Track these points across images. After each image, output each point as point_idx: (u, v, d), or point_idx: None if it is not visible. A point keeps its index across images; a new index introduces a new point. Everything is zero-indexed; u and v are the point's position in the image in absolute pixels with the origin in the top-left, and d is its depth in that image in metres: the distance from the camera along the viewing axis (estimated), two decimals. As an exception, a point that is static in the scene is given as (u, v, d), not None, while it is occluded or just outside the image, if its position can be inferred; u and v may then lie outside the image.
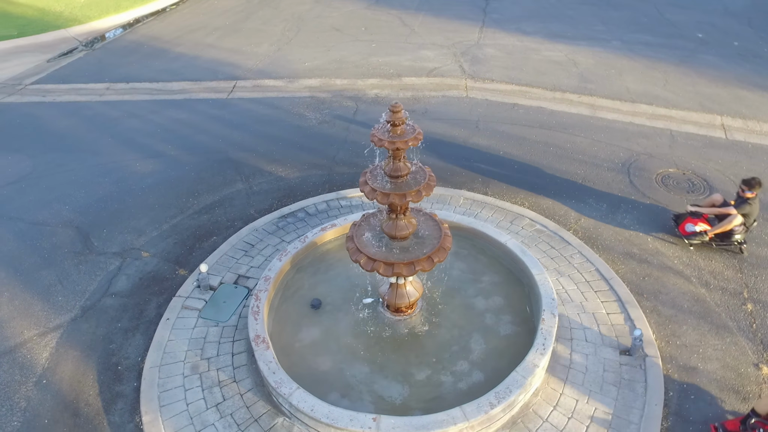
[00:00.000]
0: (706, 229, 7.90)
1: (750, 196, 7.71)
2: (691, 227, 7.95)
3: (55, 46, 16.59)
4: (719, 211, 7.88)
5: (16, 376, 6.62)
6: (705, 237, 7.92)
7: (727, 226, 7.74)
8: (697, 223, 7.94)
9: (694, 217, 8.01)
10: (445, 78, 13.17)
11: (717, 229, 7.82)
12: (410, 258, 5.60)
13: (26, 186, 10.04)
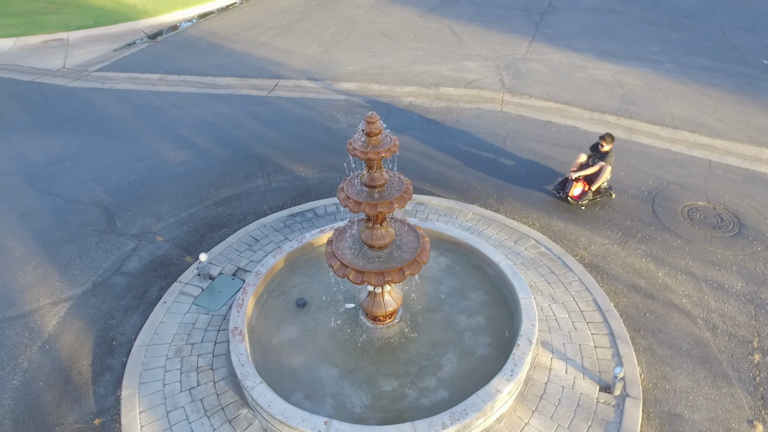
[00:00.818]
0: (588, 188, 9.05)
1: (609, 149, 9.06)
2: (578, 190, 9.07)
3: (123, 37, 17.73)
4: (596, 169, 9.02)
5: (25, 338, 7.18)
6: (590, 195, 9.03)
7: (603, 178, 8.99)
8: (581, 185, 9.09)
9: (576, 181, 9.07)
10: (482, 90, 13.02)
11: (596, 184, 9.00)
12: (381, 268, 5.63)
13: (70, 165, 10.82)
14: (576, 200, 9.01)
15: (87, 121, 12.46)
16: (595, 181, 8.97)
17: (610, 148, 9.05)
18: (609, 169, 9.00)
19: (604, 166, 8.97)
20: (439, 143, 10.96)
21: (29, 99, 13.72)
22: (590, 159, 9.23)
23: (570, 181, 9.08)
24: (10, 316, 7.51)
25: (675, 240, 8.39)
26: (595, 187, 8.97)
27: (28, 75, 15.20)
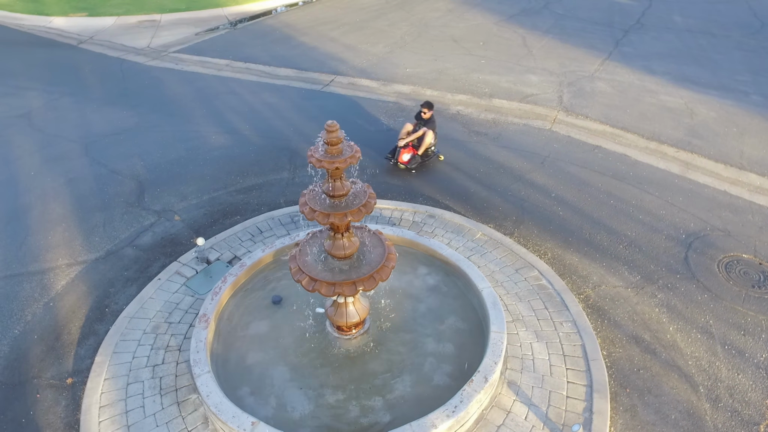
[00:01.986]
0: (416, 153, 10.04)
1: (430, 116, 10.11)
2: (407, 156, 9.97)
3: (208, 22, 18.74)
4: (420, 134, 10.03)
5: (35, 293, 7.81)
6: (418, 159, 10.04)
7: (427, 142, 10.02)
8: (410, 152, 9.98)
9: (405, 147, 9.99)
10: (536, 106, 12.38)
11: (422, 148, 10.03)
12: (333, 279, 5.51)
13: (123, 138, 11.62)
14: (405, 165, 10.00)
15: (150, 99, 13.31)
16: (420, 146, 10.04)
17: (431, 115, 10.13)
18: (431, 134, 10.06)
19: (427, 131, 10.04)
20: (473, 156, 10.56)
21: (110, 73, 14.90)
22: (415, 126, 10.24)
23: (399, 148, 10.02)
24: (30, 271, 8.20)
25: (701, 293, 7.51)
26: (421, 151, 10.06)
27: (116, 51, 16.51)
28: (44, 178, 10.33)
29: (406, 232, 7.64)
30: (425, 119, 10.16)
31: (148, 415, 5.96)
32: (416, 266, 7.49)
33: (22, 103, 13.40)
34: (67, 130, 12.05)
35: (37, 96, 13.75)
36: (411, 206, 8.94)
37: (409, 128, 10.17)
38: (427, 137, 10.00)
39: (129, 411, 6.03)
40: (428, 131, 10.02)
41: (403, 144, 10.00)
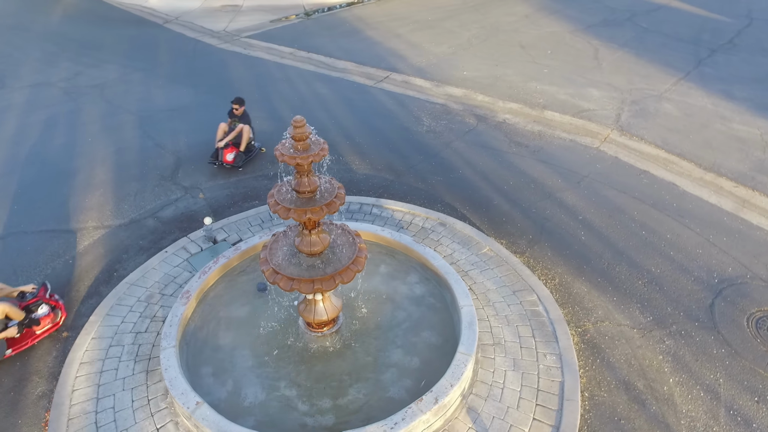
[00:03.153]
0: (239, 150, 10.09)
1: (242, 111, 10.31)
2: (231, 155, 9.97)
3: (285, 10, 19.30)
4: (237, 131, 10.15)
5: (60, 250, 8.44)
6: (242, 156, 10.12)
7: (246, 137, 10.16)
8: (232, 151, 10.00)
9: (226, 147, 10.01)
10: (589, 122, 11.64)
11: (243, 144, 10.14)
12: (293, 274, 5.48)
13: (176, 115, 12.26)
14: (231, 164, 9.94)
15: (210, 80, 13.93)
16: (241, 143, 10.10)
17: (243, 111, 10.26)
18: (248, 128, 10.19)
19: (243, 126, 10.14)
20: (506, 167, 10.12)
21: (182, 53, 15.76)
22: (230, 125, 10.26)
23: (221, 150, 9.97)
24: (62, 229, 8.87)
25: (718, 347, 6.73)
26: (243, 148, 10.11)
27: (194, 32, 17.44)
28: (98, 146, 11.13)
29: (403, 237, 7.47)
30: (238, 116, 10.31)
31: (119, 378, 6.27)
32: (408, 273, 7.31)
33: (101, 75, 14.50)
34: (129, 102, 12.90)
35: (114, 69, 14.83)
36: (424, 211, 8.73)
37: (224, 128, 10.26)
38: (245, 133, 10.14)
39: (103, 371, 6.37)
40: (244, 126, 10.18)
41: (224, 144, 10.04)
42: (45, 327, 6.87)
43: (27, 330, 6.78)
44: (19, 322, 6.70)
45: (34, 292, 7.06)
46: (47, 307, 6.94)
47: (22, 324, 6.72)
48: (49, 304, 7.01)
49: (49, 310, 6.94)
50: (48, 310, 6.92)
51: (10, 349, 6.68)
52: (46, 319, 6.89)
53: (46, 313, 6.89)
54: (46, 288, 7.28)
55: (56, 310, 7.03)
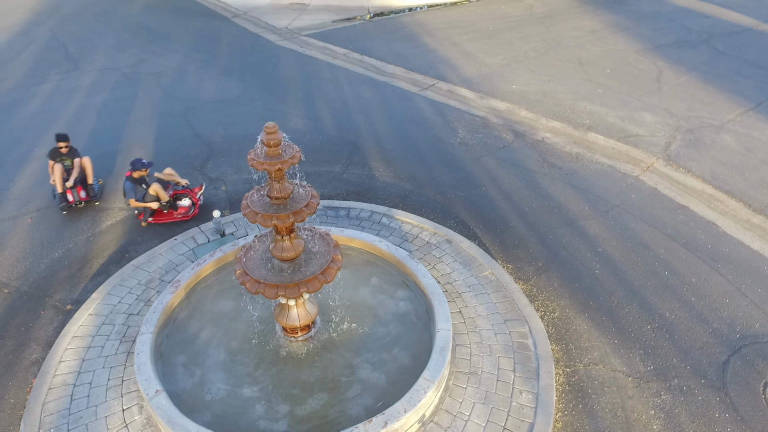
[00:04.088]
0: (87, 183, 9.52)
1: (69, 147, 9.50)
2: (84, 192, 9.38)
3: (349, 11, 19.51)
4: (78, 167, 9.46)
5: (86, 226, 8.97)
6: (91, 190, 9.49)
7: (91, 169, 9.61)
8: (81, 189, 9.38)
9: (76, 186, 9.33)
10: (634, 149, 10.91)
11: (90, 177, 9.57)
12: (260, 277, 5.50)
13: (219, 107, 12.70)
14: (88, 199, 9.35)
15: (260, 75, 14.32)
16: (87, 176, 9.50)
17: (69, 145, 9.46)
18: (88, 159, 9.56)
19: (83, 159, 9.53)
20: (532, 188, 9.69)
21: (241, 47, 16.31)
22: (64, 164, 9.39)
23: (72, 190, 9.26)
24: (100, 206, 9.41)
25: (722, 410, 6.09)
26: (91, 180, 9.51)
27: (257, 28, 18.00)
28: (142, 131, 11.73)
29: (399, 251, 7.31)
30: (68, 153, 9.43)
31: (102, 355, 6.56)
32: (397, 288, 7.16)
33: (162, 63, 15.29)
34: (181, 91, 13.51)
35: (176, 58, 15.59)
36: (433, 226, 8.51)
37: (61, 170, 9.25)
38: (87, 164, 9.50)
39: (91, 347, 6.69)
40: (84, 158, 9.53)
41: (72, 184, 9.19)
42: (180, 214, 8.97)
43: (170, 210, 8.98)
44: (165, 202, 8.89)
45: (187, 185, 9.25)
46: (189, 201, 9.01)
47: (165, 205, 8.89)
48: (191, 200, 9.03)
49: (189, 203, 9.01)
50: (188, 203, 9.00)
51: (152, 218, 8.94)
52: (183, 209, 8.98)
53: (185, 205, 9.00)
54: (201, 188, 9.33)
55: (193, 206, 9.04)
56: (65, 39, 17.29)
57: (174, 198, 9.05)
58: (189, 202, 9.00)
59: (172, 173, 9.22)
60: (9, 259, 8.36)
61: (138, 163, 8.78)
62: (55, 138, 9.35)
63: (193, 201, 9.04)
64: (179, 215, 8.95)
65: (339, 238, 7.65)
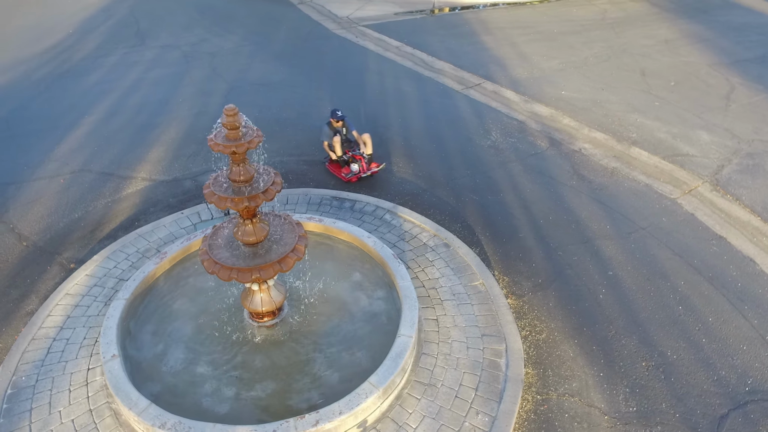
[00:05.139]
0: None
1: None
2: None
3: (413, 4, 19.27)
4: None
5: (107, 192, 9.42)
6: None
7: None
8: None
9: None
10: (680, 169, 9.99)
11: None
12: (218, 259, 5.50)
13: (262, 90, 12.94)
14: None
15: (308, 62, 14.44)
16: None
17: None
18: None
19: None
20: (553, 200, 9.11)
21: (298, 33, 16.55)
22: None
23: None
24: (118, 174, 9.90)
25: (704, 468, 5.43)
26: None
27: (319, 15, 18.19)
28: (184, 107, 12.18)
29: (384, 249, 7.10)
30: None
31: (86, 315, 6.86)
32: (377, 288, 6.96)
33: (219, 44, 15.81)
34: (230, 72, 13.89)
35: (234, 40, 16.07)
36: (435, 228, 8.21)
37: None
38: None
39: (78, 306, 7.01)
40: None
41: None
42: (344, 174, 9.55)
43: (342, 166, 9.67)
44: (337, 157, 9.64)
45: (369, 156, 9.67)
46: (356, 168, 9.48)
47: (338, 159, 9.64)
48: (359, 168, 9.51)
49: (355, 169, 9.49)
50: (354, 169, 9.49)
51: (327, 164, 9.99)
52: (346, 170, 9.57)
53: (351, 169, 9.53)
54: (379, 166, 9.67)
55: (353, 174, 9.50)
56: (140, 15, 18.30)
57: (350, 159, 9.59)
58: (356, 168, 9.47)
59: (365, 140, 9.71)
60: (36, 214, 8.94)
61: (333, 114, 9.66)
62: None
63: (360, 170, 9.48)
64: (343, 174, 9.54)
65: (328, 230, 7.56)
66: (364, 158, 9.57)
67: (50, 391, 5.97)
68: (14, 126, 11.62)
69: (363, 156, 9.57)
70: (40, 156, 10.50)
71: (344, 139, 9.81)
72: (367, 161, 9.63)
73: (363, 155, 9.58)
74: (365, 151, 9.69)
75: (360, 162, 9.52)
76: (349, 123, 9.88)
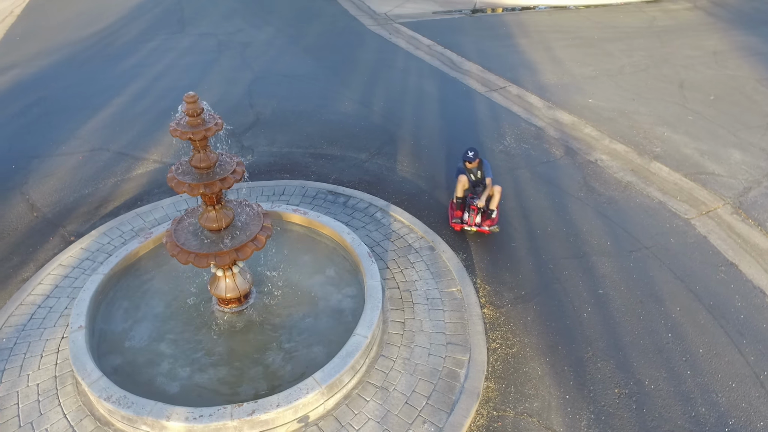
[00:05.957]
0: None
1: None
2: None
3: (454, 4, 19.00)
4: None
5: (119, 171, 9.79)
6: None
7: None
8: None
9: None
10: (701, 188, 9.38)
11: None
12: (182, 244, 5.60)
13: (285, 81, 13.10)
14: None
15: (337, 56, 14.51)
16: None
17: None
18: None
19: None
20: (555, 211, 8.75)
21: (333, 28, 16.66)
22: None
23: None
24: (132, 155, 10.27)
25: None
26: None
27: (357, 11, 18.25)
28: (206, 94, 12.49)
29: (361, 247, 7.03)
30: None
31: (72, 286, 7.15)
32: (349, 285, 6.91)
33: (254, 34, 16.13)
34: (257, 62, 14.15)
35: (269, 31, 16.34)
36: (423, 230, 8.05)
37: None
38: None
39: (67, 276, 7.33)
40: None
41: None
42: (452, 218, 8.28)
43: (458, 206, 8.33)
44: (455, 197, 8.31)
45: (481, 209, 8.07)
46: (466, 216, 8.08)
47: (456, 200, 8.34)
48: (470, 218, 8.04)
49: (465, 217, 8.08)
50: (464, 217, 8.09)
51: None
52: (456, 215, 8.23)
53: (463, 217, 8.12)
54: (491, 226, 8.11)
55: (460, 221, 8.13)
56: (186, 3, 18.93)
57: (466, 203, 8.23)
58: (466, 216, 8.09)
59: (493, 193, 8.13)
60: (50, 188, 9.41)
61: (464, 155, 8.09)
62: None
63: (468, 221, 8.08)
64: (453, 218, 8.28)
65: (311, 223, 7.57)
66: (477, 209, 8.01)
67: (24, 355, 6.26)
68: (51, 103, 12.27)
69: (477, 207, 7.98)
70: (66, 133, 11.04)
71: (474, 182, 8.32)
72: (482, 215, 8.13)
73: (478, 206, 7.97)
74: (488, 205, 8.17)
75: (472, 213, 8.05)
76: (487, 167, 8.28)
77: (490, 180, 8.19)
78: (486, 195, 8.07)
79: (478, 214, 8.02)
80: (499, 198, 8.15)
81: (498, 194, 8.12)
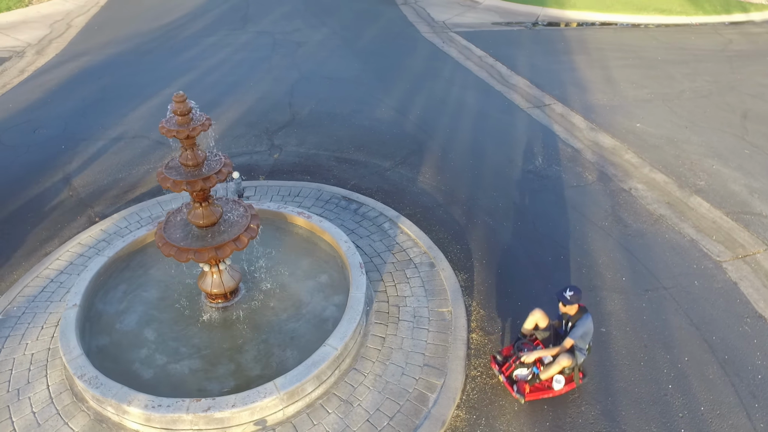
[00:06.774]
0: None
1: None
2: None
3: (515, 15, 18.57)
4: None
5: (152, 158, 10.27)
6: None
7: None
8: None
9: None
10: (742, 230, 8.63)
11: None
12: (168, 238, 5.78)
13: (326, 83, 13.30)
14: None
15: (384, 62, 14.54)
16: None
17: None
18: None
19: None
20: (573, 239, 8.33)
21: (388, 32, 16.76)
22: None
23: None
24: (169, 144, 10.71)
25: None
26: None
27: (415, 17, 18.24)
28: (251, 91, 12.87)
29: (354, 257, 6.98)
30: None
31: (84, 264, 7.56)
32: (336, 293, 6.88)
33: (309, 35, 16.45)
34: (305, 63, 14.42)
35: (323, 33, 16.63)
36: (427, 246, 7.90)
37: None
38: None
39: (81, 255, 7.77)
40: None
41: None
42: None
43: None
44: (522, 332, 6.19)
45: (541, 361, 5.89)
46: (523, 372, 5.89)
47: None
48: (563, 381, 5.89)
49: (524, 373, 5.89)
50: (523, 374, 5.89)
51: None
52: None
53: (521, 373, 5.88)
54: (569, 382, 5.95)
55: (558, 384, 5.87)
56: (252, 1, 19.58)
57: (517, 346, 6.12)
58: (523, 373, 5.88)
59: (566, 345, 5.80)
60: (90, 170, 10.02)
61: (560, 294, 5.84)
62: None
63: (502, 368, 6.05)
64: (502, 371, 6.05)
65: (313, 227, 7.61)
66: (542, 365, 5.85)
67: (28, 325, 6.69)
68: (109, 91, 13.07)
69: (522, 361, 5.84)
70: (115, 119, 11.71)
71: (555, 330, 6.18)
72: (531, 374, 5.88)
73: (524, 361, 5.83)
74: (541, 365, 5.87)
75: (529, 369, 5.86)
76: (584, 323, 5.81)
77: (571, 343, 5.77)
78: (546, 354, 5.83)
79: (519, 369, 5.90)
80: (557, 371, 5.79)
81: (559, 367, 5.76)
